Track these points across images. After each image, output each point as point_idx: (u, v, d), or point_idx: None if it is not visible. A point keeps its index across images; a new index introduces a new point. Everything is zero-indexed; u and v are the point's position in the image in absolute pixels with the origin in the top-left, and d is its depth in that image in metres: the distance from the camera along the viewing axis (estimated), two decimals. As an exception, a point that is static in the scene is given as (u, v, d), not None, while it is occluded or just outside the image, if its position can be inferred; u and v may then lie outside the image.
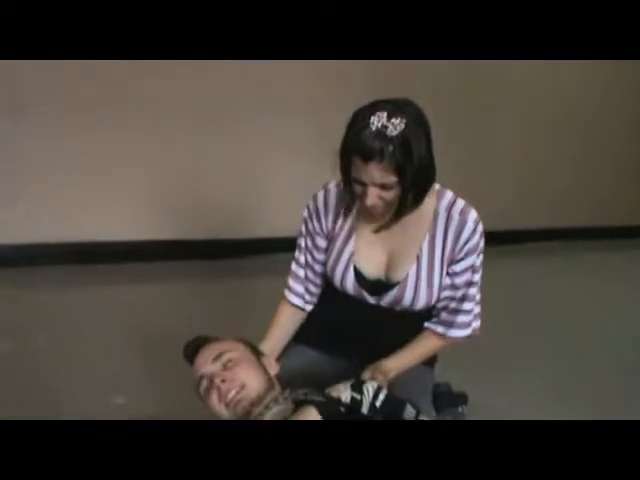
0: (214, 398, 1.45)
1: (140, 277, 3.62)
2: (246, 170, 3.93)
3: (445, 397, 2.03)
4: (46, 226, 3.56)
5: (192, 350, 1.59)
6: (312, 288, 1.87)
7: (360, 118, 1.41)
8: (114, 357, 2.58)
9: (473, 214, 1.63)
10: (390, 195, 1.49)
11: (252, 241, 4.05)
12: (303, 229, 1.82)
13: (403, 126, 1.38)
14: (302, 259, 1.84)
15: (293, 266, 1.87)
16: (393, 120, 1.37)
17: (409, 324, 1.79)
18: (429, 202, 1.64)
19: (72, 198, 3.60)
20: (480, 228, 1.65)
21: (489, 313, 2.31)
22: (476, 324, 1.79)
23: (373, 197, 1.48)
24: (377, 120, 1.37)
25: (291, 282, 1.87)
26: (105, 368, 2.47)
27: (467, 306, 1.73)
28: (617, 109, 4.97)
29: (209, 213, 3.95)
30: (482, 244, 1.67)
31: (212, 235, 3.99)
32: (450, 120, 3.87)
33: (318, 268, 1.83)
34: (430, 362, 1.88)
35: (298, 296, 1.86)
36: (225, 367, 1.48)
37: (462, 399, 2.10)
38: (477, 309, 1.78)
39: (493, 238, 3.58)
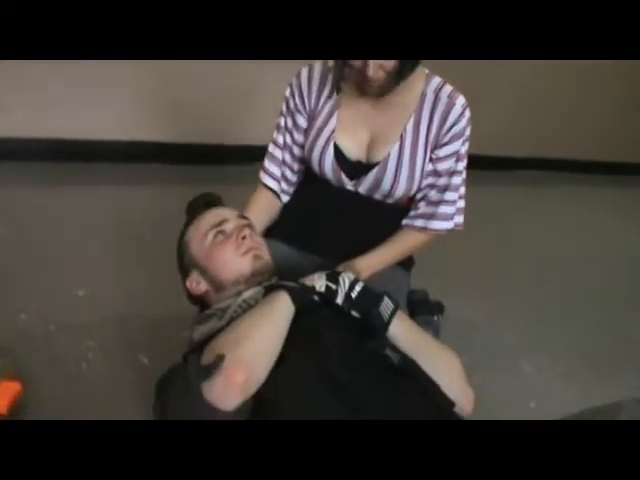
0: (231, 246, 1.39)
1: (121, 178, 3.44)
2: (240, 76, 3.73)
3: (421, 304, 1.94)
4: (23, 120, 3.35)
5: (202, 203, 1.51)
6: (288, 174, 1.76)
7: None
8: (79, 252, 2.48)
9: (461, 99, 1.57)
10: (390, 63, 1.41)
11: (237, 148, 3.89)
12: (284, 108, 1.72)
13: None
14: (280, 140, 1.74)
15: (270, 147, 1.76)
16: None
17: (388, 218, 1.69)
18: (416, 84, 1.57)
19: (50, 94, 3.37)
20: (467, 113, 1.57)
21: (475, 233, 2.28)
22: (459, 219, 1.69)
23: (374, 65, 1.41)
24: None
25: (267, 163, 1.76)
26: (68, 261, 2.38)
27: (449, 196, 1.64)
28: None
29: (197, 117, 3.75)
30: (468, 131, 1.60)
31: (197, 139, 3.80)
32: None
33: (297, 151, 1.73)
34: (406, 265, 1.79)
35: (274, 179, 1.76)
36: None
37: (438, 308, 2.03)
38: (460, 203, 1.68)
39: (484, 162, 3.48)
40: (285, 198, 1.78)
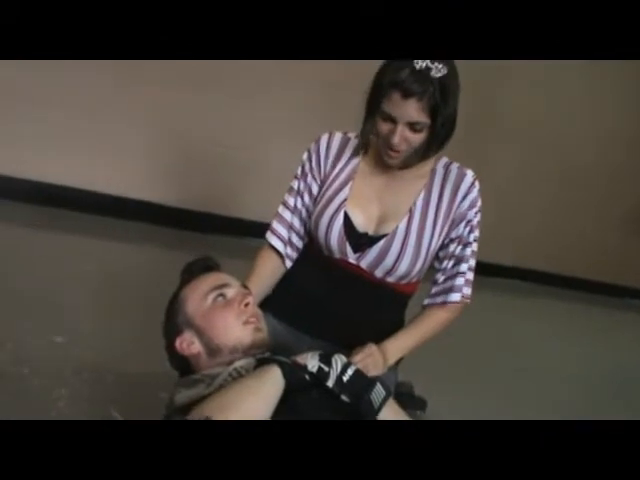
0: (233, 311, 1.36)
1: (110, 233, 3.42)
2: (248, 149, 3.78)
3: (405, 397, 1.91)
4: (16, 161, 3.33)
5: (202, 266, 1.48)
6: (295, 239, 1.75)
7: (396, 61, 1.44)
8: (63, 299, 2.43)
9: (471, 171, 1.65)
10: (417, 139, 1.49)
11: (230, 220, 3.88)
12: (299, 171, 1.75)
13: (445, 72, 1.42)
14: (291, 202, 1.74)
15: (280, 209, 1.76)
16: (437, 64, 1.41)
17: (386, 300, 1.68)
18: (428, 163, 1.64)
19: (56, 139, 3.39)
20: (478, 184, 1.64)
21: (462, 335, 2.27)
22: (467, 290, 1.67)
23: (401, 136, 1.47)
24: (422, 61, 1.41)
25: (275, 224, 1.75)
26: (49, 307, 2.33)
27: (462, 268, 1.65)
28: (611, 165, 4.95)
29: (198, 184, 3.78)
30: (480, 202, 1.64)
31: (190, 206, 3.79)
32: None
33: (305, 216, 1.74)
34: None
35: (281, 240, 1.74)
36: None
37: (421, 404, 1.99)
38: (470, 275, 1.68)
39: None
40: (288, 264, 1.76)
